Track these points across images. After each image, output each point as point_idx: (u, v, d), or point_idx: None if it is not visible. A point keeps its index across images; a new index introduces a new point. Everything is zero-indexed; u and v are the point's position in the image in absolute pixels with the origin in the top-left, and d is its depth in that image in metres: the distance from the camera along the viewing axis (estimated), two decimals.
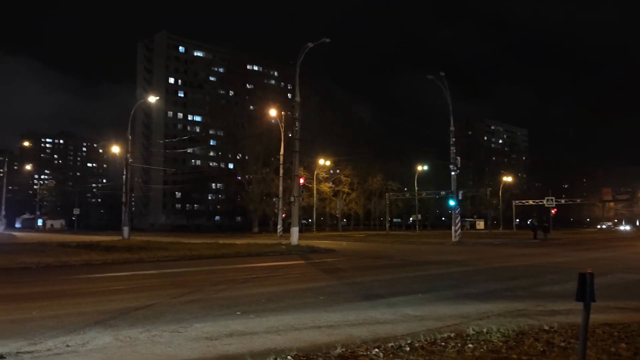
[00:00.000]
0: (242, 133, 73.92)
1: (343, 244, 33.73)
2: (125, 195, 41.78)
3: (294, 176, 28.95)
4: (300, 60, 28.08)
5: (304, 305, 9.65)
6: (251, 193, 73.85)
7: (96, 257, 20.36)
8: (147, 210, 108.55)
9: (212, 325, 7.75)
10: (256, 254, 23.15)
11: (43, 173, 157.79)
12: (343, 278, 14.57)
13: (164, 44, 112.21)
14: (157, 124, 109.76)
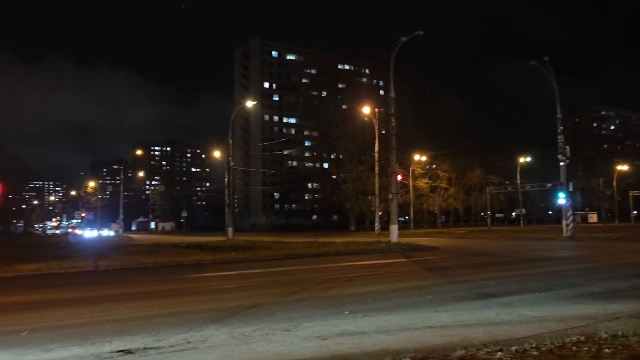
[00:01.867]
0: (336, 132, 74.44)
1: (444, 241, 32.81)
2: (228, 197, 43.62)
3: (391, 173, 28.54)
4: (394, 55, 27.67)
5: (412, 305, 9.40)
6: (347, 191, 74.19)
7: (206, 257, 21.38)
8: (248, 211, 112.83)
9: (322, 324, 7.75)
10: (356, 252, 23.10)
11: (153, 179, 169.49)
12: (449, 276, 14.08)
13: (258, 50, 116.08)
14: (255, 128, 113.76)
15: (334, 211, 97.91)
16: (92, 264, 18.54)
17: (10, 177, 60.56)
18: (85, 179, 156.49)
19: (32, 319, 8.63)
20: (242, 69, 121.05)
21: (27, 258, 21.32)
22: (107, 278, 15.72)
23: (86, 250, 28.13)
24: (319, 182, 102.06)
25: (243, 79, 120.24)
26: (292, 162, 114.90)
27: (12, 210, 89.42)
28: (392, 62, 27.60)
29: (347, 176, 72.96)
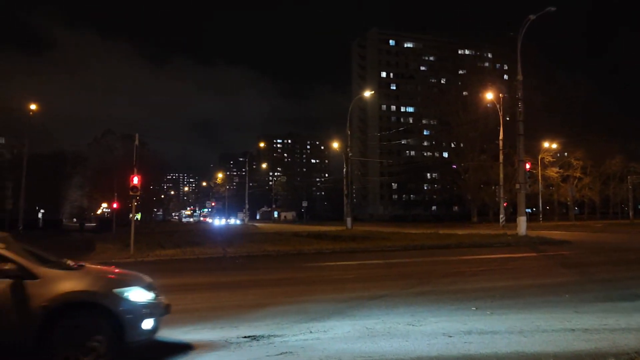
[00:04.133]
0: (457, 120, 71.64)
1: (578, 235, 30.14)
2: (347, 188, 44.01)
3: (519, 161, 26.74)
4: (522, 34, 25.82)
5: (547, 304, 8.65)
6: (468, 181, 71.27)
7: (326, 246, 21.73)
8: (365, 202, 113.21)
9: (447, 320, 7.39)
10: (480, 245, 22.04)
11: (276, 170, 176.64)
12: (587, 274, 12.82)
13: (375, 40, 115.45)
14: (372, 118, 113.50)
15: (454, 202, 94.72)
16: (221, 251, 19.67)
17: (151, 169, 66.45)
18: (214, 171, 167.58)
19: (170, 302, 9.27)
20: (359, 60, 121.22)
21: (165, 244, 23.21)
22: (234, 264, 16.56)
23: (216, 238, 29.99)
24: (438, 172, 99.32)
25: (360, 70, 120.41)
26: (410, 152, 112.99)
27: (153, 199, 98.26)
28: (520, 42, 25.78)
29: (469, 165, 69.96)
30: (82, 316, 5.24)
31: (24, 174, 42.27)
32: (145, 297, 5.61)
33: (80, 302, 5.28)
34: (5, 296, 4.99)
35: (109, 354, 5.18)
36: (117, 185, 49.27)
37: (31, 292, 5.06)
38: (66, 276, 5.48)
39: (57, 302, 5.09)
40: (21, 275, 5.11)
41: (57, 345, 5.03)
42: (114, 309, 5.27)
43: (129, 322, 5.30)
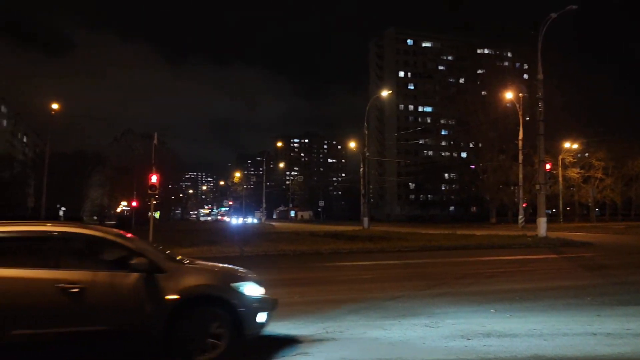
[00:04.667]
0: (475, 120, 70.92)
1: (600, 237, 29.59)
2: (363, 188, 43.88)
3: (540, 162, 26.33)
4: (542, 33, 25.42)
5: (568, 307, 8.48)
6: (486, 182, 70.56)
7: (342, 246, 21.67)
8: (383, 202, 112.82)
9: (465, 322, 7.28)
10: (499, 246, 21.76)
11: (292, 170, 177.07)
12: (610, 276, 12.57)
13: (392, 40, 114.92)
14: (390, 118, 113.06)
15: (473, 202, 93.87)
16: (238, 250, 19.73)
17: (170, 168, 67.13)
18: (232, 170, 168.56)
19: None
20: (376, 59, 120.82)
21: (184, 242, 23.37)
22: (250, 264, 16.55)
23: (233, 237, 30.12)
24: (456, 172, 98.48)
25: (378, 69, 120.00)
26: (428, 152, 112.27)
27: (172, 198, 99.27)
28: (540, 41, 25.38)
29: (487, 166, 69.23)
30: (205, 309, 5.51)
31: (45, 172, 42.97)
32: (258, 291, 5.87)
33: (204, 295, 5.57)
34: (138, 289, 5.28)
35: (229, 346, 5.46)
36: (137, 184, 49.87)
37: (161, 285, 5.34)
38: (189, 270, 5.83)
39: (183, 295, 5.36)
40: (151, 269, 5.38)
41: (183, 336, 5.32)
42: (234, 302, 5.56)
43: (246, 316, 5.57)
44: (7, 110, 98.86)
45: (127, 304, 5.23)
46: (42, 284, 5.03)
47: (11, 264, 5.12)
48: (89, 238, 5.65)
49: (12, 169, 72.80)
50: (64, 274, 5.12)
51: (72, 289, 5.05)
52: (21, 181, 64.49)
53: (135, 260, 5.32)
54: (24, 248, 5.40)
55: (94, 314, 5.12)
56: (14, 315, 4.92)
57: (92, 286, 5.14)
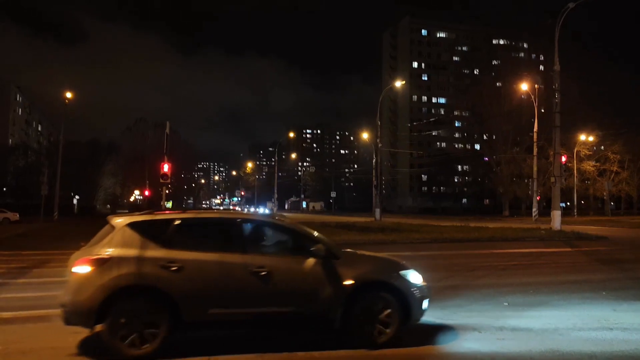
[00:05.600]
0: (489, 112, 70.19)
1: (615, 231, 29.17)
2: (376, 179, 43.63)
3: (555, 154, 25.94)
4: (560, 23, 24.94)
5: (583, 301, 8.34)
6: (500, 174, 69.97)
7: (354, 237, 21.58)
8: (395, 193, 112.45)
9: (478, 315, 7.19)
10: (512, 239, 21.49)
11: (305, 160, 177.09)
12: (626, 270, 12.36)
13: (407, 30, 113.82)
14: (403, 109, 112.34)
15: (486, 195, 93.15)
16: None
17: (182, 158, 67.40)
18: (244, 161, 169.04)
19: None
20: (390, 50, 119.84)
21: None
22: None
23: None
24: (469, 165, 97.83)
25: (391, 60, 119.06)
26: (441, 144, 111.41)
27: (184, 187, 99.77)
28: (557, 31, 24.91)
29: (501, 158, 68.59)
30: (377, 294, 5.70)
31: (59, 160, 43.34)
32: (419, 279, 6.03)
33: (376, 282, 5.81)
34: (317, 273, 5.56)
35: (397, 332, 5.65)
36: (149, 173, 50.14)
37: (338, 271, 5.60)
38: (360, 257, 6.15)
39: (357, 280, 5.61)
40: (327, 255, 5.66)
41: (357, 320, 5.54)
42: (403, 289, 5.75)
43: (414, 302, 5.75)
44: (22, 98, 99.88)
45: (308, 287, 5.53)
46: (235, 267, 5.42)
47: (207, 249, 5.53)
48: (269, 225, 6.21)
49: (27, 158, 73.66)
50: (251, 258, 5.51)
51: (260, 272, 5.40)
52: (35, 169, 65.20)
53: (315, 247, 5.63)
54: (215, 234, 5.81)
55: (280, 297, 5.45)
56: (211, 295, 5.31)
57: (277, 270, 5.48)
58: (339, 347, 5.54)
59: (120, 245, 5.38)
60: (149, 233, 5.50)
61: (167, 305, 5.19)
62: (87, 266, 5.24)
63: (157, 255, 5.32)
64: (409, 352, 5.56)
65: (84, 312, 5.11)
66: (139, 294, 5.22)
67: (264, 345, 5.56)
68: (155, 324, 5.15)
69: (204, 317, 5.27)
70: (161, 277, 5.22)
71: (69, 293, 5.24)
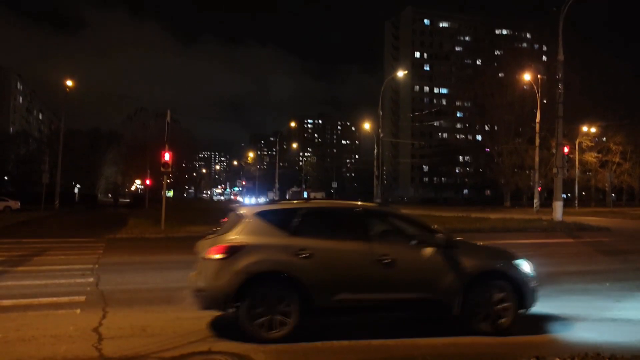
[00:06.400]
0: (491, 102, 69.88)
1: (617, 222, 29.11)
2: (377, 169, 43.54)
3: (557, 145, 25.82)
4: (564, 12, 24.72)
5: (586, 292, 8.33)
6: (501, 165, 69.84)
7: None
8: (396, 183, 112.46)
9: None
10: (514, 230, 21.45)
11: (306, 150, 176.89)
12: (629, 261, 12.33)
13: (409, 19, 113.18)
14: (404, 99, 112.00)
15: (487, 186, 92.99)
16: None
17: (183, 147, 67.29)
18: (245, 150, 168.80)
19: None
20: (392, 40, 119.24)
21: (196, 220, 23.42)
22: None
23: None
24: (471, 155, 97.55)
25: (393, 50, 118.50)
26: (443, 134, 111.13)
27: (185, 177, 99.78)
28: (561, 20, 24.70)
29: (503, 149, 68.37)
30: (494, 282, 5.81)
31: (60, 149, 43.25)
32: (530, 269, 6.09)
33: (493, 270, 5.92)
34: (439, 261, 5.73)
35: (514, 319, 5.75)
36: (150, 162, 50.04)
37: (458, 259, 5.75)
38: (475, 247, 6.36)
39: (476, 269, 5.76)
40: (447, 244, 5.82)
41: (475, 307, 5.67)
42: (517, 277, 5.86)
43: (527, 290, 5.86)
44: (23, 87, 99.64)
45: (429, 275, 5.70)
46: (360, 255, 5.61)
47: (332, 237, 5.72)
48: (387, 214, 6.33)
49: (28, 146, 73.64)
50: (375, 246, 5.69)
51: (384, 260, 5.57)
52: (37, 158, 65.18)
53: (435, 237, 5.83)
54: (339, 223, 5.99)
55: (403, 283, 5.63)
56: (339, 281, 5.48)
57: (399, 258, 5.65)
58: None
59: (252, 233, 5.62)
60: (278, 222, 5.72)
61: (298, 291, 5.38)
62: (224, 253, 5.45)
63: (288, 243, 5.54)
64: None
65: (221, 297, 5.35)
66: (272, 280, 5.43)
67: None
68: (287, 309, 5.36)
69: (333, 303, 5.45)
70: (293, 264, 5.42)
71: (205, 279, 5.46)
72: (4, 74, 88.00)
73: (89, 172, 71.26)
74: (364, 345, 5.32)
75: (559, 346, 5.42)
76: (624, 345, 5.26)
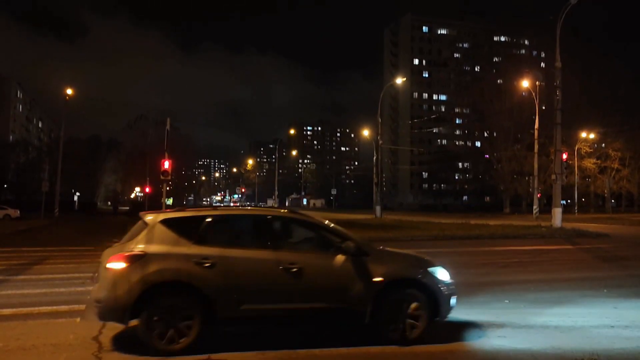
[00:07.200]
0: (490, 109, 70.14)
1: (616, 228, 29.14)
2: (376, 176, 43.62)
3: (556, 151, 25.92)
4: (561, 20, 24.87)
5: (584, 298, 8.34)
6: (501, 171, 69.99)
7: (355, 235, 21.48)
8: (395, 190, 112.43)
9: (479, 313, 7.16)
10: (513, 236, 21.48)
11: (305, 157, 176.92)
12: (627, 268, 12.35)
13: (408, 26, 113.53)
14: (403, 106, 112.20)
15: (486, 192, 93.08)
16: None
17: (182, 154, 67.33)
18: (245, 158, 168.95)
19: None
20: (391, 47, 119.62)
21: None
22: None
23: None
24: (470, 162, 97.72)
25: (392, 57, 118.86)
26: (442, 141, 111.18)
27: (185, 184, 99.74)
28: (559, 28, 24.86)
29: (502, 155, 68.59)
30: (406, 291, 5.70)
31: (60, 157, 43.30)
32: (447, 276, 6.02)
33: (405, 278, 5.81)
34: (348, 270, 5.59)
35: (426, 328, 5.66)
36: (150, 170, 50.08)
37: (368, 267, 5.63)
38: (389, 254, 6.21)
39: (387, 277, 5.63)
40: (357, 252, 5.67)
41: (386, 316, 5.56)
42: (431, 285, 5.77)
43: (442, 298, 5.77)
44: (23, 95, 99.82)
45: (338, 283, 5.54)
46: (267, 263, 5.45)
47: (238, 245, 5.61)
48: (299, 222, 6.04)
49: (27, 154, 73.67)
50: (283, 254, 5.53)
51: (292, 268, 5.41)
52: (36, 166, 65.21)
53: (345, 244, 5.66)
54: (246, 230, 5.92)
55: (311, 292, 5.47)
56: (244, 291, 5.34)
57: (308, 266, 5.50)
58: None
59: (154, 242, 5.43)
60: (182, 230, 5.53)
61: (200, 301, 5.23)
62: (122, 262, 5.26)
63: (191, 252, 5.36)
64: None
65: (120, 308, 5.15)
66: (173, 290, 5.26)
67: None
68: (189, 320, 5.19)
69: (237, 313, 5.31)
70: (195, 274, 5.26)
71: (104, 289, 5.26)
72: (4, 83, 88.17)
73: (88, 180, 71.28)
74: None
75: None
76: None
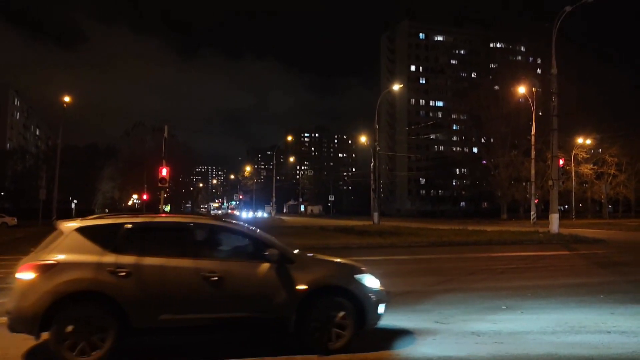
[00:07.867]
0: (487, 115, 70.39)
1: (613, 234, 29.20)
2: (374, 182, 43.70)
3: (552, 157, 26.03)
4: (557, 27, 25.04)
5: (581, 304, 8.36)
6: (498, 177, 70.11)
7: (352, 241, 21.58)
8: (393, 197, 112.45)
9: (476, 319, 7.19)
10: (510, 242, 21.52)
11: (303, 164, 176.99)
12: (625, 274, 12.38)
13: (405, 33, 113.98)
14: (401, 112, 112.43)
15: (484, 198, 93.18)
16: None
17: (180, 161, 67.35)
18: (243, 164, 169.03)
19: None
20: (388, 53, 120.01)
21: None
22: None
23: None
24: (467, 168, 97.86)
25: (389, 63, 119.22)
26: (439, 147, 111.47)
27: (182, 191, 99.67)
28: (555, 34, 25.02)
29: (499, 161, 68.74)
30: (332, 299, 5.64)
31: (57, 164, 43.23)
32: (376, 284, 5.96)
33: (330, 286, 5.73)
34: (271, 278, 5.49)
35: (353, 336, 5.59)
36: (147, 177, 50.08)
37: (291, 275, 5.54)
38: (315, 262, 6.12)
39: (311, 285, 5.54)
40: (281, 260, 5.58)
41: (312, 325, 5.48)
42: (358, 293, 5.69)
43: (369, 306, 5.70)
44: (20, 102, 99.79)
45: (261, 292, 5.46)
46: (186, 272, 5.32)
47: (157, 254, 5.40)
48: (221, 229, 6.00)
49: (25, 162, 73.53)
50: (203, 263, 5.40)
51: (211, 277, 5.31)
52: (34, 174, 65.10)
53: (268, 251, 5.56)
54: (167, 239, 5.71)
55: (233, 302, 5.38)
56: (161, 301, 5.22)
57: (229, 275, 5.39)
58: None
59: (67, 250, 5.26)
60: (98, 238, 5.37)
61: (114, 312, 5.06)
62: (32, 272, 5.11)
63: (105, 261, 5.18)
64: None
65: (29, 319, 4.97)
66: (86, 300, 5.10)
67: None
68: (103, 331, 5.02)
69: (155, 323, 5.17)
70: (108, 283, 5.10)
71: (13, 300, 5.10)
72: (1, 90, 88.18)
73: (86, 187, 71.06)
74: None
75: None
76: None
